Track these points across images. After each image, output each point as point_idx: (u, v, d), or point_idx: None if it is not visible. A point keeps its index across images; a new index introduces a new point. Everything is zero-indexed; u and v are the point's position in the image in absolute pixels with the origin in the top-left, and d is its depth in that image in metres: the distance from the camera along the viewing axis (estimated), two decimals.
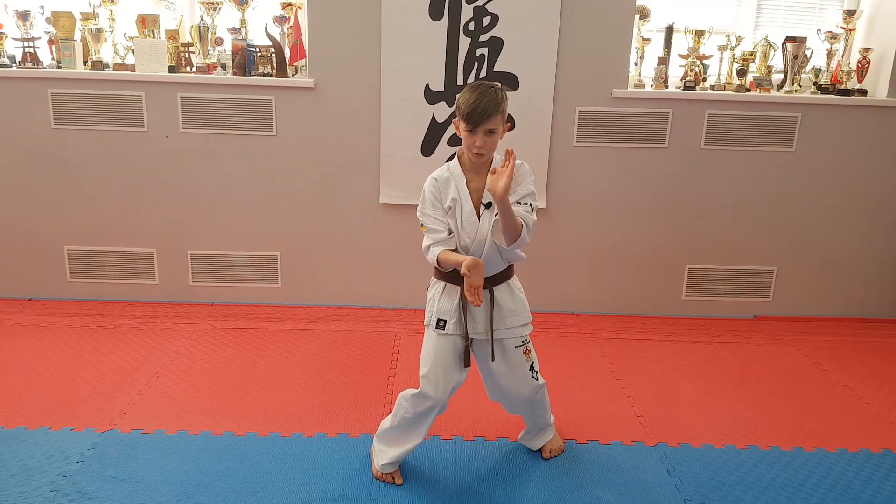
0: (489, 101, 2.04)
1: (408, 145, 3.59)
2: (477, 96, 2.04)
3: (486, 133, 2.07)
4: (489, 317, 2.20)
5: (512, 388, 2.32)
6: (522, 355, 2.28)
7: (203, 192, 3.68)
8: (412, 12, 3.42)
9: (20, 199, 3.67)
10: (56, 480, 2.27)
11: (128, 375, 2.99)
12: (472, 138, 2.08)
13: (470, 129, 2.06)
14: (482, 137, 2.07)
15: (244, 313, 3.70)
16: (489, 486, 2.34)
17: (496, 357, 2.24)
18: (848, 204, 3.81)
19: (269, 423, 2.66)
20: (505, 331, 2.23)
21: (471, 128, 2.06)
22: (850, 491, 2.37)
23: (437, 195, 2.16)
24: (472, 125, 2.05)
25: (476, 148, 2.08)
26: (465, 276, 2.00)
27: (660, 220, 3.79)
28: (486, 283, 2.17)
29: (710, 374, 3.20)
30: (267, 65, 3.57)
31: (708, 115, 3.64)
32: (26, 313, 3.60)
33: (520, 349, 2.28)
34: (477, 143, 2.07)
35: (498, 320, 2.22)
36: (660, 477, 2.41)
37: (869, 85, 3.75)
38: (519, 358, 2.28)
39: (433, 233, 2.15)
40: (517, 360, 2.28)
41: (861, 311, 3.97)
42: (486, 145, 2.08)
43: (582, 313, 3.88)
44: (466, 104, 2.05)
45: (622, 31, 3.53)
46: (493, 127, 2.07)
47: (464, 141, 2.12)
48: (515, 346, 2.27)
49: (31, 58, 3.55)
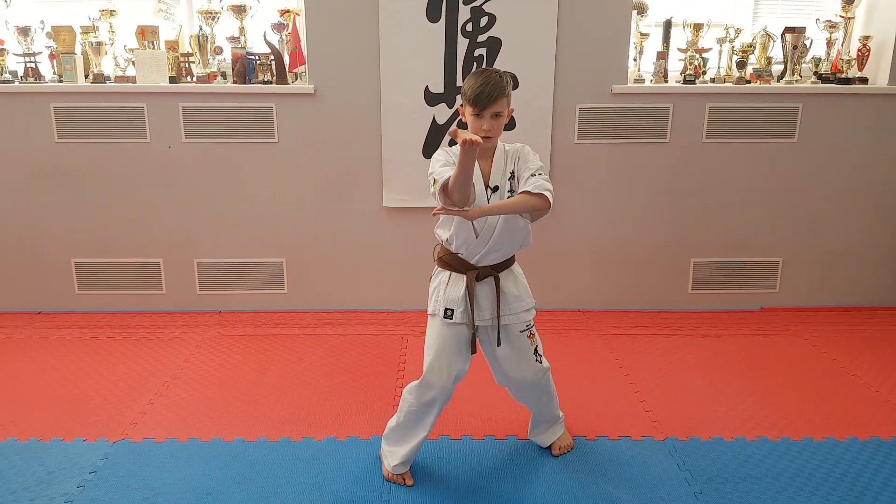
0: (494, 84, 2.07)
1: (409, 148, 3.60)
2: (482, 81, 2.07)
3: (493, 116, 2.09)
4: (495, 304, 2.23)
5: (517, 373, 2.34)
6: (527, 339, 2.31)
7: (207, 200, 3.70)
8: (410, 15, 3.43)
9: (26, 213, 3.70)
10: (70, 491, 2.29)
11: (138, 385, 3.01)
12: (479, 122, 2.10)
13: (476, 112, 2.09)
14: (489, 121, 2.09)
15: (251, 320, 3.72)
16: (499, 484, 2.35)
17: (501, 342, 2.27)
18: (852, 192, 3.80)
19: (280, 428, 2.67)
20: (510, 316, 2.27)
21: (477, 111, 2.09)
22: (862, 479, 2.37)
23: (448, 160, 2.15)
24: (479, 109, 2.08)
25: (483, 132, 2.10)
26: (457, 137, 1.94)
27: (664, 214, 3.79)
28: (491, 270, 2.23)
29: (719, 367, 3.20)
30: (267, 72, 3.59)
31: (709, 109, 3.64)
32: (36, 327, 3.63)
33: (524, 333, 2.31)
34: (484, 126, 2.09)
35: (503, 306, 2.25)
36: (670, 471, 2.41)
37: (869, 73, 3.74)
38: (523, 342, 2.31)
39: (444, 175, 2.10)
40: (522, 345, 2.31)
41: (868, 299, 3.95)
42: (492, 128, 2.10)
43: (588, 310, 3.88)
44: (472, 89, 2.08)
45: (620, 27, 3.54)
46: (499, 110, 2.10)
47: (470, 126, 2.14)
48: (520, 330, 2.30)
49: (32, 73, 3.58)
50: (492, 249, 2.19)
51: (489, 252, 2.20)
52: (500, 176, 2.18)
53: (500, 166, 2.19)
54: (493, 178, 2.17)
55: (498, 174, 2.18)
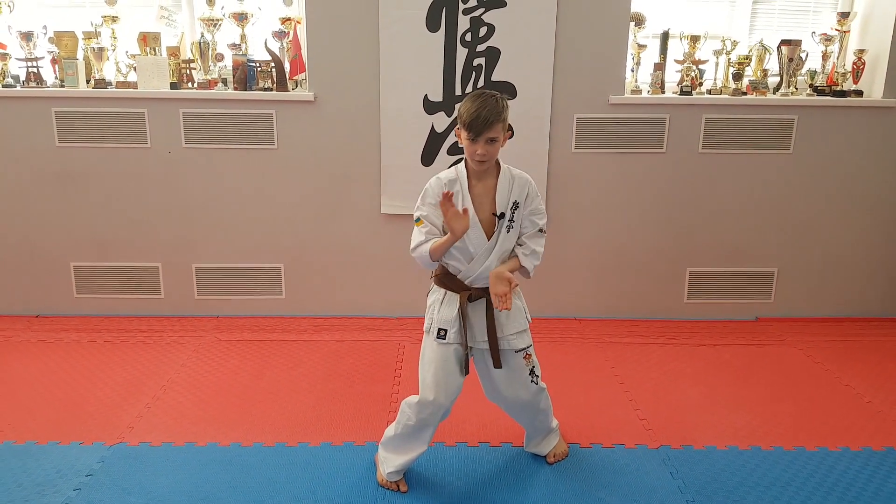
0: (490, 109, 2.08)
1: (408, 155, 3.62)
2: (478, 105, 2.08)
3: (488, 141, 2.10)
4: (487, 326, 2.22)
5: (510, 393, 2.34)
6: (522, 360, 2.30)
7: (206, 206, 3.72)
8: (409, 24, 3.46)
9: (26, 216, 3.72)
10: (66, 494, 2.30)
11: (135, 389, 3.02)
12: (474, 147, 2.11)
13: (472, 137, 2.10)
14: (483, 146, 2.10)
15: (249, 325, 3.74)
16: (494, 492, 2.36)
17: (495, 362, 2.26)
18: (847, 204, 3.83)
19: (276, 433, 2.69)
20: (502, 340, 2.25)
21: (472, 136, 2.09)
22: (853, 489, 2.38)
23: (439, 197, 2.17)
24: (474, 134, 2.09)
25: (478, 156, 2.12)
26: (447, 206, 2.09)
27: (660, 224, 3.81)
28: (483, 292, 2.22)
29: (713, 377, 3.22)
30: (267, 79, 3.62)
31: (705, 120, 3.67)
32: (34, 329, 3.64)
33: (519, 354, 2.29)
34: (479, 151, 2.11)
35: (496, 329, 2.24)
36: (663, 479, 2.43)
37: (864, 86, 3.77)
38: (519, 363, 2.30)
39: (429, 230, 2.18)
40: (517, 366, 2.30)
41: (861, 310, 3.98)
42: (487, 153, 2.11)
43: (585, 318, 3.90)
44: (468, 113, 2.09)
45: (618, 38, 3.57)
46: (495, 135, 2.11)
47: (465, 149, 2.15)
48: (515, 351, 2.28)
49: (34, 77, 3.60)
50: (486, 271, 2.19)
51: (483, 273, 2.20)
52: (504, 203, 2.19)
53: (505, 194, 2.19)
54: (500, 205, 2.18)
55: (503, 202, 2.19)
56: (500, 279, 2.10)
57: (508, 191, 2.19)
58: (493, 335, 2.22)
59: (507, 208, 2.19)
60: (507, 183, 2.20)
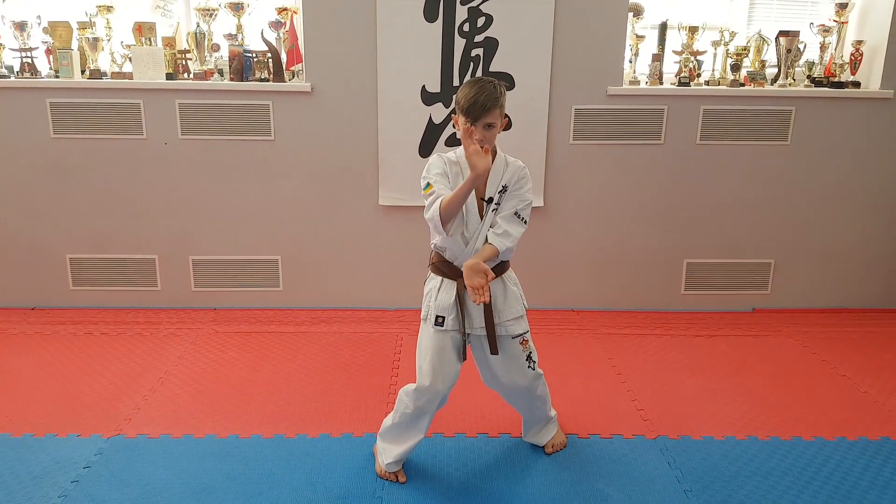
0: (488, 95, 2.08)
1: (405, 147, 3.61)
2: (476, 91, 2.09)
3: (485, 127, 2.11)
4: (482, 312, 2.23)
5: (508, 379, 2.35)
6: (519, 346, 2.31)
7: (203, 197, 3.71)
8: (407, 14, 3.45)
9: (22, 208, 3.70)
10: (64, 486, 2.30)
11: (132, 381, 3.01)
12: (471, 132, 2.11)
13: (469, 123, 2.10)
14: (480, 131, 2.10)
15: (246, 317, 3.73)
16: (492, 482, 2.37)
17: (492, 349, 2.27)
18: (844, 195, 3.84)
19: (274, 424, 2.69)
20: (499, 326, 2.26)
21: (470, 122, 2.10)
22: (849, 478, 2.40)
23: (445, 170, 2.18)
24: (472, 119, 2.09)
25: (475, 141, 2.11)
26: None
27: (658, 215, 3.81)
28: None
29: (710, 367, 3.22)
30: (264, 70, 3.60)
31: (703, 111, 3.66)
32: (30, 322, 3.63)
33: (516, 340, 2.30)
34: (476, 136, 2.10)
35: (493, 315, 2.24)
36: (660, 469, 2.44)
37: (862, 77, 3.77)
38: (516, 349, 2.31)
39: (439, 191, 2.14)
40: (514, 352, 2.31)
41: (858, 301, 3.99)
42: (484, 139, 2.11)
43: (582, 310, 3.90)
44: (466, 98, 2.09)
45: (616, 29, 3.56)
46: (492, 121, 2.11)
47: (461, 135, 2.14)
48: (512, 337, 2.29)
49: (29, 68, 3.57)
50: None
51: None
52: (494, 188, 2.19)
53: (496, 179, 2.19)
54: (489, 189, 2.18)
55: (493, 186, 2.19)
56: (475, 271, 2.06)
57: (500, 175, 2.20)
58: (491, 321, 2.22)
59: (495, 192, 2.19)
60: (501, 168, 2.21)
